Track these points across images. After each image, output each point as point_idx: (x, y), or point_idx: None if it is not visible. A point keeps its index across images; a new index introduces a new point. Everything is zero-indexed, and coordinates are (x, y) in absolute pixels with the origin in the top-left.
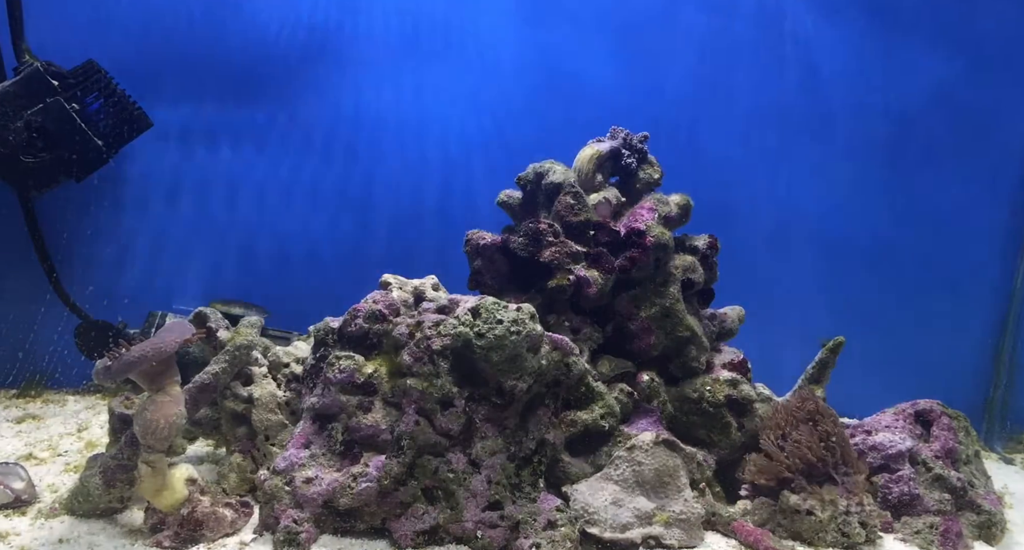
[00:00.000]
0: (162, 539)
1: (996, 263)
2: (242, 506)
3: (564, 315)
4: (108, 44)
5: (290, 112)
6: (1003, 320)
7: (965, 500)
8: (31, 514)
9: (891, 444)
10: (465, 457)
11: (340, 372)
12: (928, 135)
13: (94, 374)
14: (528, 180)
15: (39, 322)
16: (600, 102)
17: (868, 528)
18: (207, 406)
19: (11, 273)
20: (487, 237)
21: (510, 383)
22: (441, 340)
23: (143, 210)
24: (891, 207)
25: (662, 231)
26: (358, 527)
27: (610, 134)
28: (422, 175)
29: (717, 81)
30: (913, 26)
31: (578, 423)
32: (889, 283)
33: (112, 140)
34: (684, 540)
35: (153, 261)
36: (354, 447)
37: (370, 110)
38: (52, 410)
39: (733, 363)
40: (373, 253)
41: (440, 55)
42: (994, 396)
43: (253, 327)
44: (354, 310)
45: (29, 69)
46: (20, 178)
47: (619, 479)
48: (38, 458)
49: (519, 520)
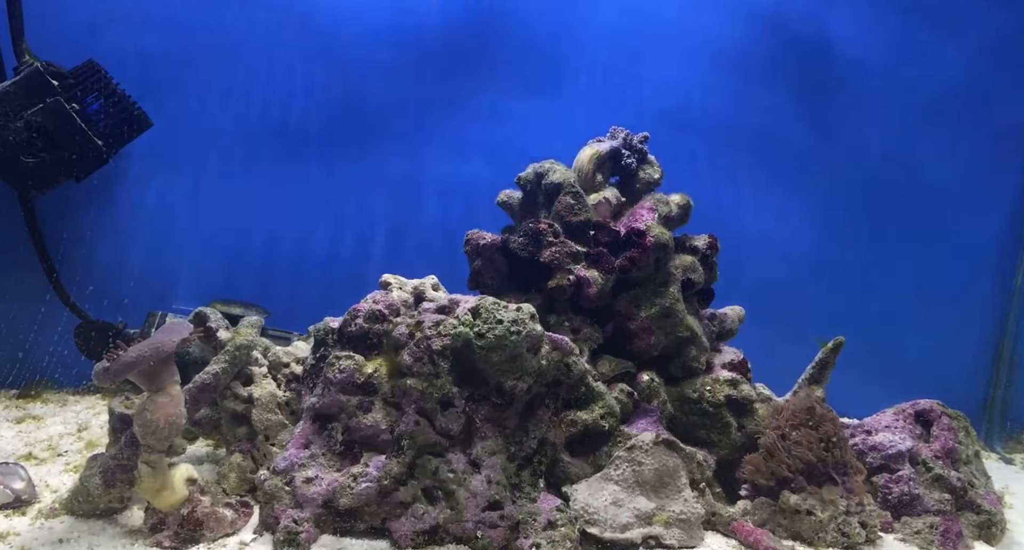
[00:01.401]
0: (162, 539)
1: (996, 263)
2: (242, 506)
3: (564, 315)
4: (107, 43)
5: (291, 112)
6: (1003, 320)
7: (965, 500)
8: (31, 514)
9: (891, 444)
10: (465, 457)
11: (340, 372)
12: (929, 134)
13: (93, 375)
14: (528, 180)
15: (39, 322)
16: (600, 102)
17: (868, 528)
18: (207, 406)
19: (11, 273)
20: (487, 237)
21: (510, 383)
22: (441, 340)
23: (143, 210)
24: (891, 207)
25: (662, 231)
26: (358, 527)
27: (610, 134)
28: (422, 175)
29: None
30: (928, 18)
31: (578, 423)
32: (889, 283)
33: (112, 140)
34: (684, 540)
35: (153, 261)
36: (354, 447)
37: (370, 110)
38: (52, 410)
39: (733, 363)
40: (373, 253)
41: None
42: (994, 396)
43: (253, 327)
44: (354, 310)
45: (29, 69)
46: (20, 178)
47: (619, 479)
48: (38, 458)
49: (519, 520)
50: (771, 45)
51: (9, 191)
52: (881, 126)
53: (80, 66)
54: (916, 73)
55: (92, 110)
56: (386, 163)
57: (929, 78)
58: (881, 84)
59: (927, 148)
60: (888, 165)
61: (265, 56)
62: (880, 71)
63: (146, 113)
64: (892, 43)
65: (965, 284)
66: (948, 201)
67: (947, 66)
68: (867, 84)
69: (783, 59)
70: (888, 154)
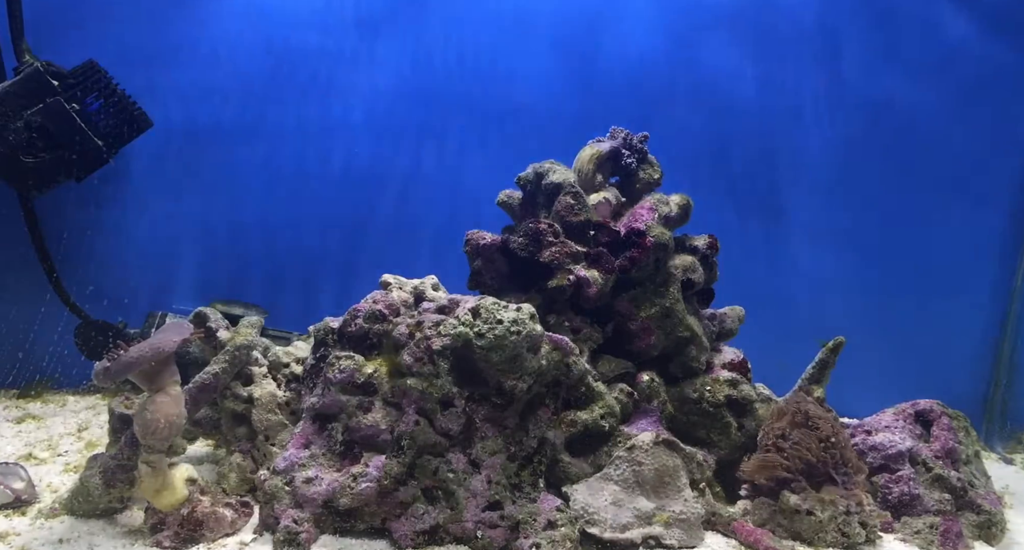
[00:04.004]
0: (162, 539)
1: (996, 263)
2: (242, 506)
3: (564, 315)
4: (107, 42)
5: (292, 111)
6: (1003, 320)
7: (965, 500)
8: (31, 514)
9: (891, 444)
10: (465, 457)
11: (340, 372)
12: (929, 133)
13: (93, 375)
14: (528, 180)
15: (39, 322)
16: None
17: (868, 528)
18: (207, 406)
19: (11, 273)
20: (487, 237)
21: (510, 383)
22: (441, 340)
23: (143, 210)
24: (891, 206)
25: (662, 231)
26: (358, 527)
27: (610, 134)
28: (422, 175)
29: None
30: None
31: (578, 423)
32: (889, 283)
33: (112, 140)
34: (684, 540)
35: (153, 261)
36: (354, 447)
37: (371, 110)
38: (52, 410)
39: (733, 363)
40: (373, 253)
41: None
42: (994, 396)
43: (253, 327)
44: (354, 310)
45: (29, 69)
46: (20, 178)
47: (619, 479)
48: (38, 458)
49: (519, 520)
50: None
51: (9, 191)
52: (882, 125)
53: (80, 66)
54: (920, 66)
55: (92, 110)
56: (386, 162)
57: (932, 69)
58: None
59: (927, 144)
60: (888, 161)
61: (265, 56)
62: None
63: (146, 113)
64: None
65: (965, 284)
66: (948, 199)
67: (948, 60)
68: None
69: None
70: (888, 151)
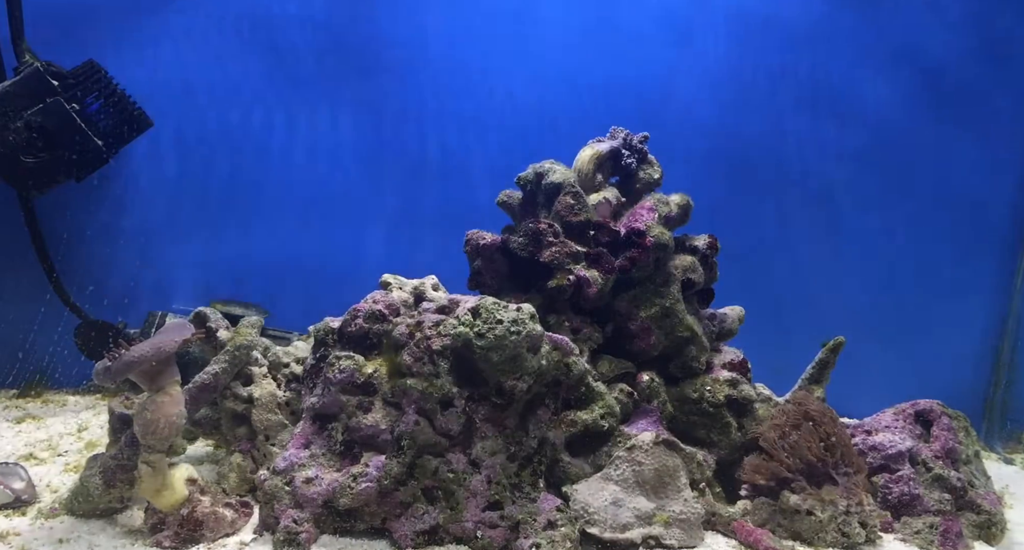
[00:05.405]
0: (162, 539)
1: (996, 263)
2: (242, 506)
3: (564, 315)
4: (107, 42)
5: (292, 111)
6: (1003, 320)
7: (965, 500)
8: (31, 514)
9: (891, 444)
10: (465, 457)
11: (340, 372)
12: (929, 132)
13: (94, 375)
14: (528, 180)
15: (39, 322)
16: (598, 100)
17: (868, 528)
18: (207, 406)
19: (11, 273)
20: (487, 237)
21: (510, 383)
22: (441, 340)
23: (143, 210)
24: (891, 206)
25: (662, 231)
26: (358, 527)
27: (610, 134)
28: (422, 175)
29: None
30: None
31: (578, 423)
32: (889, 283)
33: (112, 140)
34: (684, 540)
35: (153, 261)
36: (354, 447)
37: (370, 110)
38: (52, 410)
39: (733, 363)
40: (373, 253)
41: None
42: (994, 396)
43: (253, 327)
44: (354, 310)
45: (29, 69)
46: (20, 178)
47: (619, 479)
48: (38, 458)
49: (519, 520)
50: (770, 48)
51: (9, 191)
52: (882, 126)
53: (80, 66)
54: (918, 69)
55: (92, 110)
56: (387, 162)
57: (932, 72)
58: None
59: (929, 146)
60: (888, 162)
61: (268, 56)
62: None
63: (146, 113)
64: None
65: (965, 284)
66: (948, 200)
67: (948, 61)
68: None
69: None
70: (889, 151)
